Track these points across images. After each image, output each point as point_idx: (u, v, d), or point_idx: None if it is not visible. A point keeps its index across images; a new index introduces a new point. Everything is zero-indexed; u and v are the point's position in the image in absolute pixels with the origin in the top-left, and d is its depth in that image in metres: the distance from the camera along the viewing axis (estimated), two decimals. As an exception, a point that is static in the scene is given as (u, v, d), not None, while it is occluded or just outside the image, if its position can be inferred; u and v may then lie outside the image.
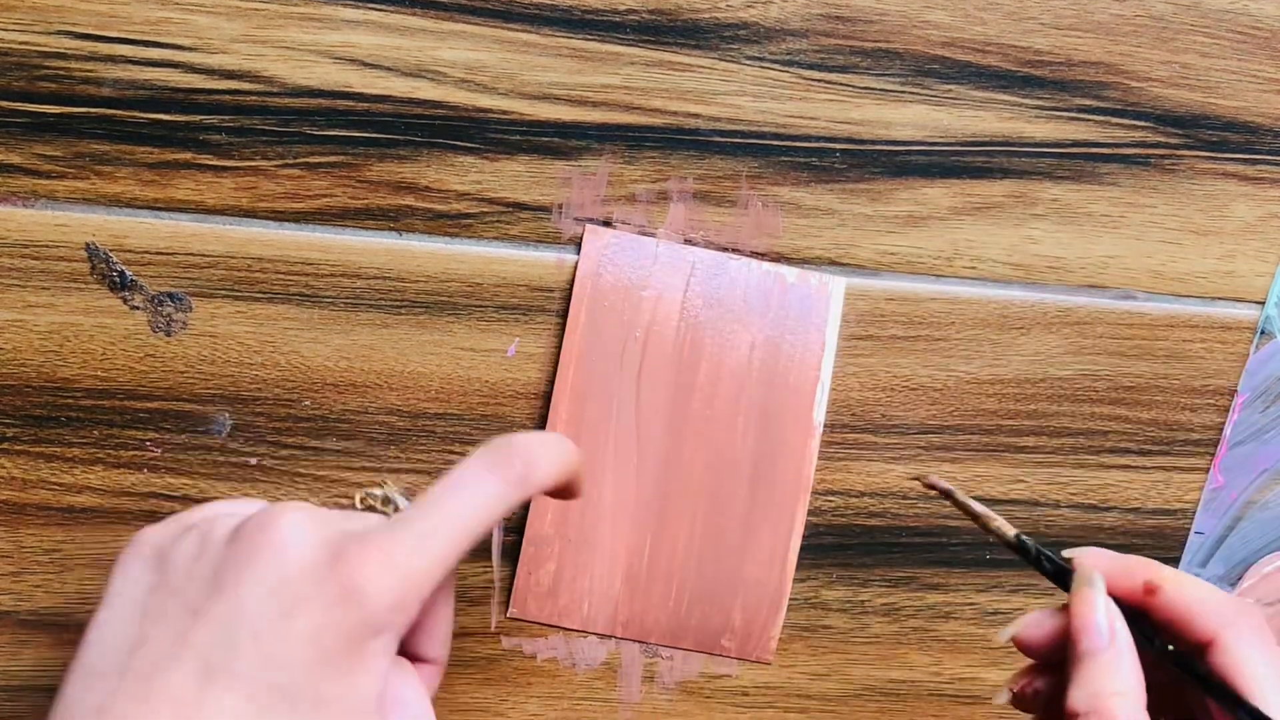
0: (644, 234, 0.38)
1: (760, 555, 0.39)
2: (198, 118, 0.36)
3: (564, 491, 0.34)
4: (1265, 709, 0.28)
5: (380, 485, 0.37)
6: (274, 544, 0.28)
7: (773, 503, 0.39)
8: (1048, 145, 0.39)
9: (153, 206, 0.36)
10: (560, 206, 0.38)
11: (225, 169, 0.36)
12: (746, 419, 0.39)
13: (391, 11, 0.36)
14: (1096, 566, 0.32)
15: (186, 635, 0.27)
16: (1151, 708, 0.29)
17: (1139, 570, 0.31)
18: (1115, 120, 0.39)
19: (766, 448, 0.39)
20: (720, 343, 0.38)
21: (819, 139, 0.38)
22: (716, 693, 0.40)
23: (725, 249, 0.38)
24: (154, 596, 0.28)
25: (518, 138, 0.37)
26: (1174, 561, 0.41)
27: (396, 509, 0.34)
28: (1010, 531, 0.32)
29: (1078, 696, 0.29)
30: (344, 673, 0.28)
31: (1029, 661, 0.32)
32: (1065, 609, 0.31)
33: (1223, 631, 0.29)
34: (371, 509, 0.35)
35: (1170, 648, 0.30)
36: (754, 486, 0.39)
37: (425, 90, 0.36)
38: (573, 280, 0.38)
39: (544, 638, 0.39)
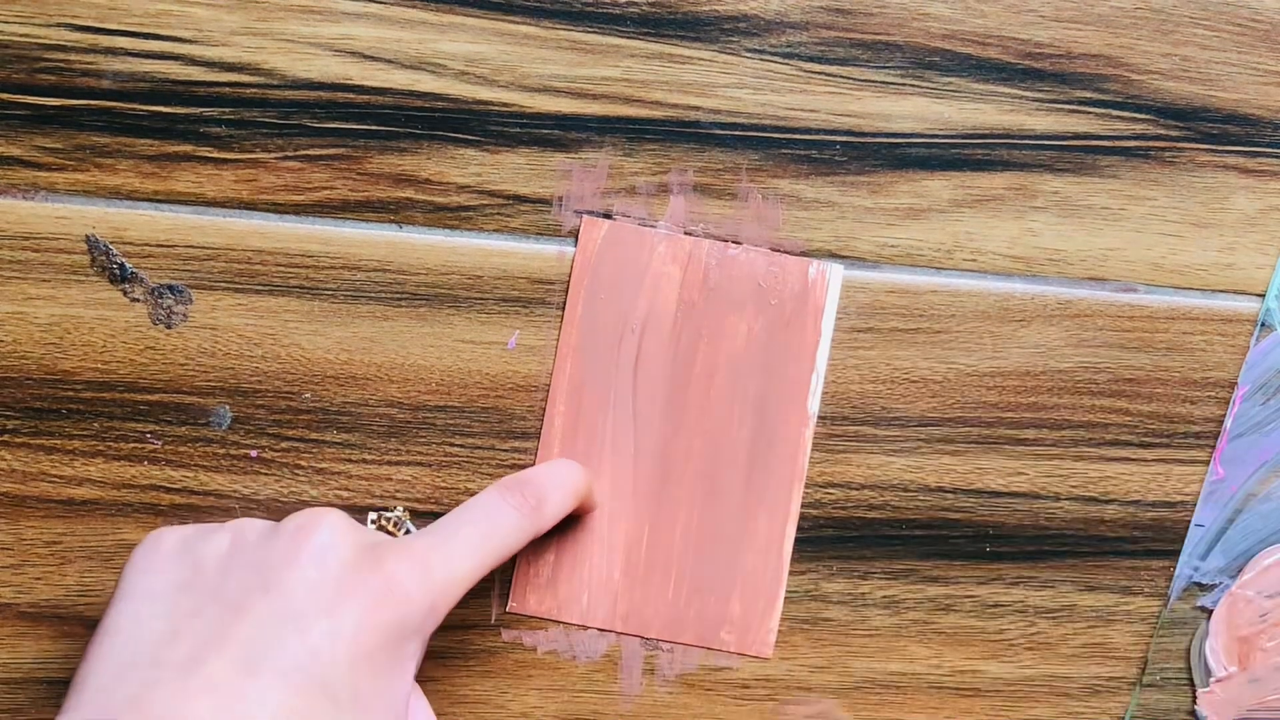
0: (644, 226, 0.38)
1: (756, 544, 0.39)
2: (198, 110, 0.36)
3: (575, 513, 0.37)
4: None
5: (392, 509, 0.37)
6: (316, 544, 0.29)
7: (768, 492, 0.39)
8: (1048, 138, 0.39)
9: (153, 199, 0.36)
10: (560, 199, 0.38)
11: (225, 161, 0.36)
12: (743, 409, 0.39)
13: (391, 4, 0.36)
14: None
15: (228, 629, 0.27)
16: None
17: None
18: (1116, 113, 0.39)
19: (762, 437, 0.39)
20: (717, 332, 0.38)
21: (819, 131, 0.38)
22: (717, 685, 0.40)
23: (725, 241, 0.38)
24: (184, 592, 0.28)
25: (518, 130, 0.37)
26: (1174, 554, 0.41)
27: (407, 534, 0.35)
28: None
29: None
30: (382, 671, 0.28)
31: None
32: None
33: None
34: (383, 530, 0.36)
35: None
36: (750, 476, 0.39)
37: (425, 83, 0.36)
38: (571, 272, 0.38)
39: (544, 630, 0.39)
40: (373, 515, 0.36)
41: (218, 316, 0.37)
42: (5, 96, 0.35)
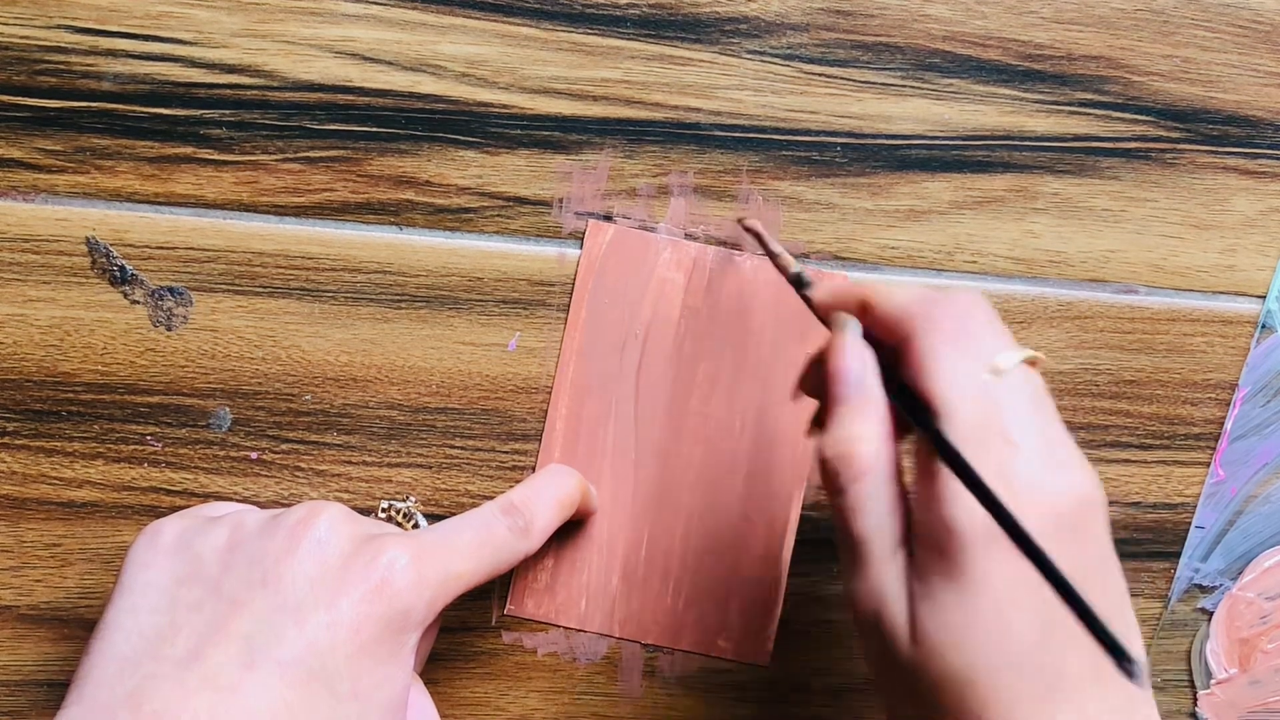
0: (645, 228, 0.38)
1: (756, 552, 0.39)
2: (198, 112, 0.36)
3: (575, 517, 0.37)
4: (943, 405, 0.26)
5: (404, 499, 0.37)
6: (315, 537, 0.29)
7: (768, 500, 0.39)
8: (1049, 139, 0.39)
9: (153, 201, 0.36)
10: (561, 201, 0.38)
11: (226, 163, 0.36)
12: (744, 416, 0.39)
13: (392, 6, 0.36)
14: (832, 294, 0.31)
15: (227, 623, 0.27)
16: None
17: (856, 293, 0.30)
18: (1116, 114, 0.39)
19: (763, 444, 0.39)
20: (720, 338, 0.38)
21: (820, 133, 0.38)
22: (717, 687, 0.40)
23: (726, 244, 0.38)
24: (184, 586, 0.28)
25: (518, 132, 0.37)
26: (1174, 555, 0.41)
27: (416, 526, 0.35)
28: (792, 268, 0.34)
29: (826, 442, 0.29)
30: (381, 664, 0.28)
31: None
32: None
33: (911, 333, 0.28)
34: (392, 520, 0.36)
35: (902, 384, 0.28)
36: (750, 484, 0.39)
37: (426, 84, 0.36)
38: (574, 275, 0.38)
39: (544, 632, 0.39)
40: (384, 504, 0.36)
41: (218, 318, 0.37)
42: (5, 98, 0.35)
